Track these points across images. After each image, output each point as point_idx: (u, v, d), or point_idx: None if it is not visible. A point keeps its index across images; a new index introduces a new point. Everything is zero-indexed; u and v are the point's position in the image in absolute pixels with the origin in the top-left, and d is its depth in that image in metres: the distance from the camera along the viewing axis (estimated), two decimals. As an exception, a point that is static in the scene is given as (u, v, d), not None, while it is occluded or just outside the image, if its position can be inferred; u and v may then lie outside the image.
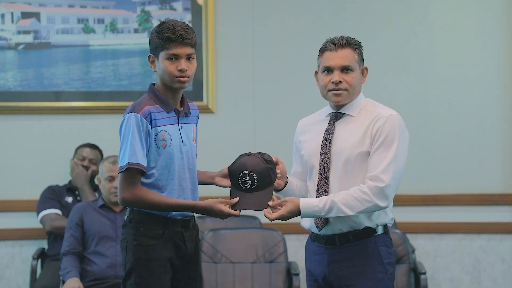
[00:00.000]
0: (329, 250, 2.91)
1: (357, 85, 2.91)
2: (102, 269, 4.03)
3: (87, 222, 4.13)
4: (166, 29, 2.77)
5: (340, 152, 2.86)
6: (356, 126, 2.88)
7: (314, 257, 2.97)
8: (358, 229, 2.86)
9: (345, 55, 2.89)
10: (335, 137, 2.89)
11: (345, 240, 2.88)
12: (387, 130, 2.81)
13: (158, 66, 2.82)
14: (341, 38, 2.91)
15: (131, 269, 2.80)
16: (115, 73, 4.74)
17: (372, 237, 2.88)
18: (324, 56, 2.92)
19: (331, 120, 2.95)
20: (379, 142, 2.81)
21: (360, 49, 2.93)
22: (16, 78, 4.69)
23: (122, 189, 2.76)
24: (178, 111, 2.85)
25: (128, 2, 4.74)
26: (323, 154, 2.89)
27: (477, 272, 4.78)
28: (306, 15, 4.77)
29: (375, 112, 2.87)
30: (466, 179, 4.75)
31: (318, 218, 2.89)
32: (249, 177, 2.84)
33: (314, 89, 4.76)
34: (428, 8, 4.79)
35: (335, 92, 2.89)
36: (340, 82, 2.88)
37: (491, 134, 4.76)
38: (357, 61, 2.90)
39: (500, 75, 4.76)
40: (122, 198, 2.78)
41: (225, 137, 4.74)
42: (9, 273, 4.67)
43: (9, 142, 4.69)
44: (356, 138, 2.85)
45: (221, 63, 4.75)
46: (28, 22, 4.70)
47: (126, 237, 2.84)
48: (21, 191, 4.66)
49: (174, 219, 2.83)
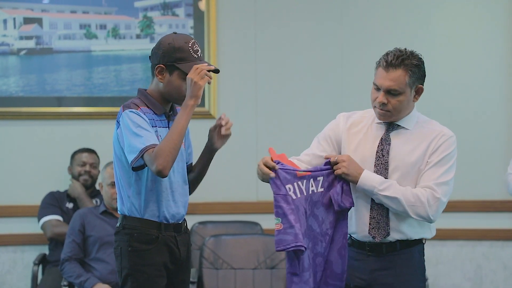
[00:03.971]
0: (372, 257, 2.89)
1: (404, 107, 2.85)
2: (103, 275, 4.03)
3: (88, 228, 4.13)
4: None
5: (397, 166, 2.84)
6: (415, 141, 2.86)
7: (354, 263, 2.92)
8: (408, 239, 2.87)
9: (394, 77, 2.79)
10: (392, 148, 2.86)
11: (392, 249, 2.87)
12: (450, 148, 2.83)
13: (169, 80, 2.82)
14: (396, 56, 2.81)
15: (127, 275, 2.81)
16: (117, 78, 4.74)
17: (416, 246, 2.90)
18: (377, 71, 2.84)
19: (387, 130, 2.89)
20: (439, 157, 2.81)
21: (415, 69, 2.82)
22: (18, 83, 4.70)
23: (150, 164, 2.68)
24: (168, 114, 2.88)
25: (130, 8, 4.75)
26: (378, 164, 2.86)
27: (479, 279, 4.77)
28: (308, 21, 4.77)
29: (436, 130, 2.87)
30: (468, 186, 4.74)
31: (375, 229, 2.85)
32: None
33: (316, 94, 4.80)
34: (430, 14, 4.79)
35: (379, 111, 2.85)
36: (384, 104, 2.82)
37: (493, 141, 4.76)
38: (408, 83, 2.81)
39: (502, 81, 4.76)
40: (158, 170, 2.67)
41: (227, 142, 4.72)
42: (10, 278, 4.67)
43: (11, 148, 4.69)
44: (417, 154, 2.83)
45: (223, 69, 4.73)
46: (31, 27, 4.71)
47: (120, 244, 2.83)
48: (22, 196, 4.66)
49: (166, 223, 2.84)
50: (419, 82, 2.86)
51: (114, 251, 2.87)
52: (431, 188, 2.78)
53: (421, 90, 2.88)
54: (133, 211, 2.83)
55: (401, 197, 2.77)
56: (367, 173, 2.81)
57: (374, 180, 2.80)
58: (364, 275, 2.89)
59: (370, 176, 2.81)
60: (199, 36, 4.69)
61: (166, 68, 2.81)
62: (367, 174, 2.81)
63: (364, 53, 3.67)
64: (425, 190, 2.79)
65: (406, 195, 2.77)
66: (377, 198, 2.80)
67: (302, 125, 4.72)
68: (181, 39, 2.82)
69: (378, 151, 2.87)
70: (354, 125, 2.95)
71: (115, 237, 2.87)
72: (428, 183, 2.79)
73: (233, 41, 4.77)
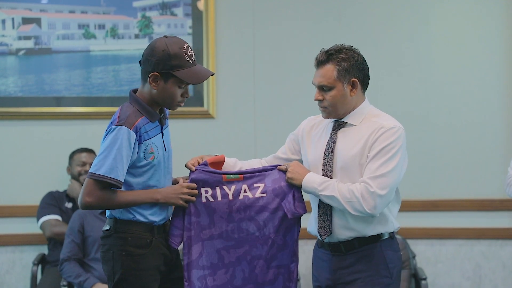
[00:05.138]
0: (335, 257, 2.91)
1: (339, 102, 2.87)
2: (102, 275, 4.03)
3: (87, 229, 4.13)
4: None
5: (340, 162, 2.86)
6: (358, 136, 2.86)
7: (321, 263, 2.97)
8: (364, 236, 2.87)
9: (323, 73, 2.86)
10: (337, 146, 2.88)
11: (350, 247, 2.88)
12: (388, 140, 2.79)
13: (163, 88, 2.79)
14: (322, 53, 2.87)
15: (120, 280, 2.78)
16: (115, 78, 4.74)
17: (378, 242, 2.88)
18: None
19: (333, 128, 2.93)
20: (376, 150, 2.79)
21: (344, 63, 2.84)
22: (17, 83, 4.69)
23: (87, 194, 2.71)
24: (160, 118, 2.86)
25: (129, 8, 4.75)
26: (325, 163, 2.89)
27: (478, 278, 4.77)
28: (306, 20, 4.77)
29: (377, 123, 2.84)
30: (467, 185, 4.74)
31: (321, 227, 2.89)
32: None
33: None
34: (428, 13, 4.79)
35: (320, 108, 2.92)
36: (320, 100, 2.89)
37: (491, 140, 4.76)
38: (337, 77, 2.84)
39: (501, 81, 4.76)
40: (84, 202, 2.72)
41: (225, 142, 4.74)
42: (9, 279, 4.67)
43: (10, 148, 4.69)
44: (357, 149, 2.84)
45: (222, 69, 4.75)
46: (29, 27, 4.71)
47: (111, 248, 2.80)
48: (21, 196, 4.66)
49: (158, 225, 2.84)
50: (352, 75, 2.85)
51: (103, 255, 2.83)
52: (365, 182, 2.77)
53: (356, 84, 2.87)
54: (124, 214, 2.81)
55: (337, 195, 2.77)
56: (309, 176, 2.84)
57: (315, 181, 2.82)
58: (330, 275, 2.92)
59: (312, 177, 2.84)
60: (198, 35, 4.70)
61: (161, 75, 2.77)
62: (309, 176, 2.84)
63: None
64: (360, 184, 2.77)
65: (342, 192, 2.78)
66: (321, 198, 2.83)
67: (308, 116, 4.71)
68: (175, 44, 2.76)
69: (325, 149, 2.90)
70: (315, 126, 3.03)
71: (104, 240, 2.83)
72: (363, 178, 2.78)
73: (232, 40, 4.77)
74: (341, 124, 2.92)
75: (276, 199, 2.91)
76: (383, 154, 2.78)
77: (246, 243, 2.92)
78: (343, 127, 2.91)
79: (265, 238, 2.92)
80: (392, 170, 2.77)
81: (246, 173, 2.95)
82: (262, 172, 2.95)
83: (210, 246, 2.92)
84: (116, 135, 2.70)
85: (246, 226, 2.92)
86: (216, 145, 4.69)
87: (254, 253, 2.93)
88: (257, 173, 2.95)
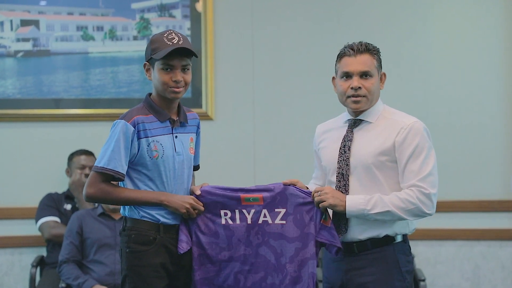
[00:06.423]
0: (347, 257, 2.90)
1: (376, 91, 2.91)
2: (101, 277, 4.02)
3: (86, 230, 4.13)
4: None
5: (360, 160, 2.85)
6: (376, 133, 2.88)
7: (332, 264, 2.96)
8: (377, 237, 2.86)
9: (364, 60, 2.87)
10: (354, 144, 2.88)
11: (363, 248, 2.88)
12: (417, 139, 2.81)
13: (153, 76, 2.84)
14: (360, 43, 2.90)
15: (125, 276, 2.84)
16: (114, 80, 4.74)
17: (390, 245, 2.88)
18: (343, 61, 2.90)
19: (349, 127, 2.93)
20: (409, 152, 2.80)
21: (379, 54, 2.93)
22: (15, 85, 4.69)
23: (89, 185, 2.79)
24: (173, 120, 2.86)
25: (127, 10, 4.74)
26: (341, 161, 2.88)
27: (477, 279, 4.77)
28: (305, 21, 4.77)
29: (397, 121, 2.87)
30: (466, 186, 4.74)
31: (337, 226, 2.88)
32: None
33: (313, 94, 4.79)
34: (427, 13, 4.79)
35: (354, 98, 2.89)
36: (360, 88, 2.87)
37: (491, 141, 4.75)
38: (376, 67, 2.90)
39: (501, 82, 4.75)
40: (86, 193, 2.80)
41: (224, 144, 4.73)
42: (8, 280, 4.66)
43: (9, 150, 4.69)
44: (376, 146, 2.84)
45: (221, 70, 4.75)
46: (27, 29, 4.71)
47: (121, 245, 2.87)
48: (20, 198, 4.66)
49: (167, 225, 2.85)
50: (381, 69, 2.94)
51: (119, 252, 2.93)
52: (416, 186, 2.78)
53: (384, 77, 2.95)
54: (132, 213, 2.85)
55: (392, 208, 2.77)
56: (350, 199, 2.81)
57: (359, 202, 2.80)
58: (341, 276, 2.91)
59: (354, 200, 2.81)
60: (196, 37, 4.69)
61: (150, 64, 2.84)
62: (351, 199, 2.81)
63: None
64: (411, 190, 2.78)
65: (395, 203, 2.77)
66: (371, 217, 2.81)
67: (300, 125, 4.72)
68: (161, 33, 2.83)
69: (341, 147, 2.90)
70: (327, 131, 3.03)
71: (120, 238, 2.92)
72: (411, 182, 2.79)
73: (230, 42, 4.77)
74: (357, 122, 2.93)
75: (295, 228, 2.87)
76: (418, 154, 2.80)
77: (262, 270, 2.89)
78: (359, 125, 2.92)
79: (281, 267, 2.88)
80: (433, 167, 2.81)
81: (266, 191, 2.89)
82: (284, 192, 2.89)
83: (228, 267, 2.91)
84: (115, 129, 2.78)
85: (264, 252, 2.89)
86: (215, 147, 4.69)
87: (269, 281, 2.89)
88: (278, 195, 2.89)
